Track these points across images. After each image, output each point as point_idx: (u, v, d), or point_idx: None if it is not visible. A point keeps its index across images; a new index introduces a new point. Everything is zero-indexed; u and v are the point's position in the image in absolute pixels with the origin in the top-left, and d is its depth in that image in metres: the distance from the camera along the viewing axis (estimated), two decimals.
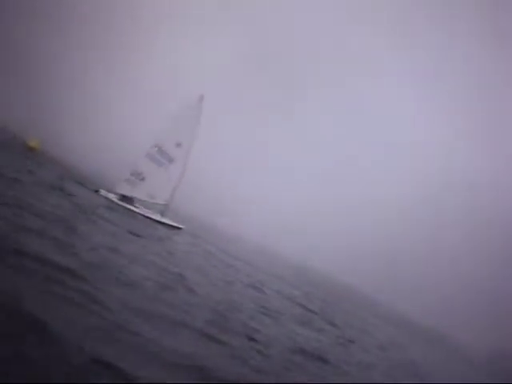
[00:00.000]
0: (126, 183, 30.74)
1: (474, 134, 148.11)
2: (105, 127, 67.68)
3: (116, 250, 12.91)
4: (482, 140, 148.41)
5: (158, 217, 29.37)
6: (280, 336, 11.80)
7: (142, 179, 30.77)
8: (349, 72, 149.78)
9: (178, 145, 31.58)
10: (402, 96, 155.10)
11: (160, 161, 31.29)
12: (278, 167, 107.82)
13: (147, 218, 28.30)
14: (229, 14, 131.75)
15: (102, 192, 28.86)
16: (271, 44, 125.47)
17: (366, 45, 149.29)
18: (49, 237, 10.21)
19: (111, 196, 29.18)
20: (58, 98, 74.15)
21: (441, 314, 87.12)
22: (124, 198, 29.68)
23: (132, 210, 28.37)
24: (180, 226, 29.90)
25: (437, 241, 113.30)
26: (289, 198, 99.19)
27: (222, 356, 7.92)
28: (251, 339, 9.78)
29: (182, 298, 10.81)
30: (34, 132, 45.82)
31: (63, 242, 10.28)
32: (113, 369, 5.45)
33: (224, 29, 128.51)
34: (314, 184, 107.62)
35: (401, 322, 50.83)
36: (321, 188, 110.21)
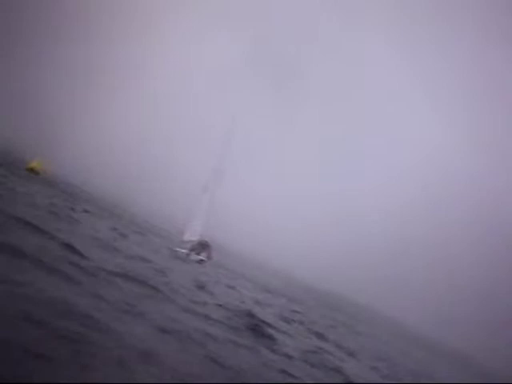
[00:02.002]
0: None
1: (476, 134, 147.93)
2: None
3: None
4: (485, 141, 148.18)
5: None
6: None
7: (191, 217, 28.98)
8: (351, 73, 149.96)
9: (214, 170, 29.70)
10: (403, 96, 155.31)
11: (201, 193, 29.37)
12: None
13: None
14: (231, 16, 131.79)
15: (178, 249, 27.47)
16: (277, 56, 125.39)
17: (367, 45, 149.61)
18: None
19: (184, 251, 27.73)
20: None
21: (445, 325, 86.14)
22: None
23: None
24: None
25: (440, 249, 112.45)
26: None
27: None
28: None
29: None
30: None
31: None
32: None
33: (226, 32, 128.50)
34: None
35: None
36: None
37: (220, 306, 14.63)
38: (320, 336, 18.26)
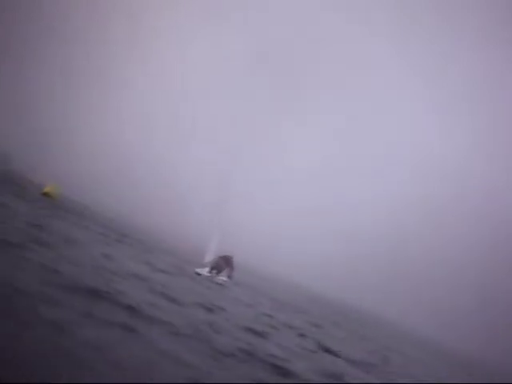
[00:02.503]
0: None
1: (477, 135, 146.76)
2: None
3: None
4: (485, 141, 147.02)
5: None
6: None
7: (206, 235, 27.29)
8: (352, 73, 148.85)
9: (222, 186, 28.28)
10: (401, 97, 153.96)
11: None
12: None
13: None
14: (232, 16, 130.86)
15: (198, 271, 25.47)
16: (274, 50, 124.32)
17: (367, 45, 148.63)
18: None
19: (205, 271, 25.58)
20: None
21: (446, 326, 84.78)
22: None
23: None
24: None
25: (438, 253, 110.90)
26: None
27: None
28: None
29: None
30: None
31: None
32: None
33: (227, 31, 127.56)
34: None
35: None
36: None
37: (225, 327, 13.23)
38: (333, 353, 16.82)
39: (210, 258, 25.97)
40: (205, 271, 25.04)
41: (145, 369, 6.88)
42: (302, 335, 17.44)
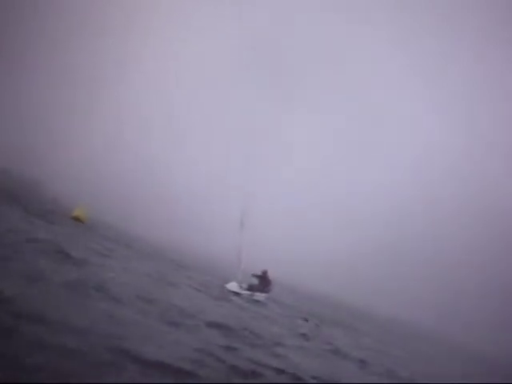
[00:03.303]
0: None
1: (477, 135, 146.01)
2: None
3: None
4: (485, 141, 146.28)
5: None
6: None
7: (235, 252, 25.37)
8: (350, 71, 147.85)
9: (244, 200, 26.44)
10: (401, 97, 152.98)
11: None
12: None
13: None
14: (228, 14, 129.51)
15: (233, 289, 23.60)
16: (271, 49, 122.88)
17: (367, 45, 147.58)
18: None
19: (233, 286, 23.80)
20: None
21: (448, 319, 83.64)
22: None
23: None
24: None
25: (438, 252, 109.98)
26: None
27: None
28: None
29: None
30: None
31: None
32: None
33: (223, 28, 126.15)
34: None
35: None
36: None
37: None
38: (361, 362, 15.18)
39: (242, 273, 23.90)
40: (241, 289, 23.18)
41: None
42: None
